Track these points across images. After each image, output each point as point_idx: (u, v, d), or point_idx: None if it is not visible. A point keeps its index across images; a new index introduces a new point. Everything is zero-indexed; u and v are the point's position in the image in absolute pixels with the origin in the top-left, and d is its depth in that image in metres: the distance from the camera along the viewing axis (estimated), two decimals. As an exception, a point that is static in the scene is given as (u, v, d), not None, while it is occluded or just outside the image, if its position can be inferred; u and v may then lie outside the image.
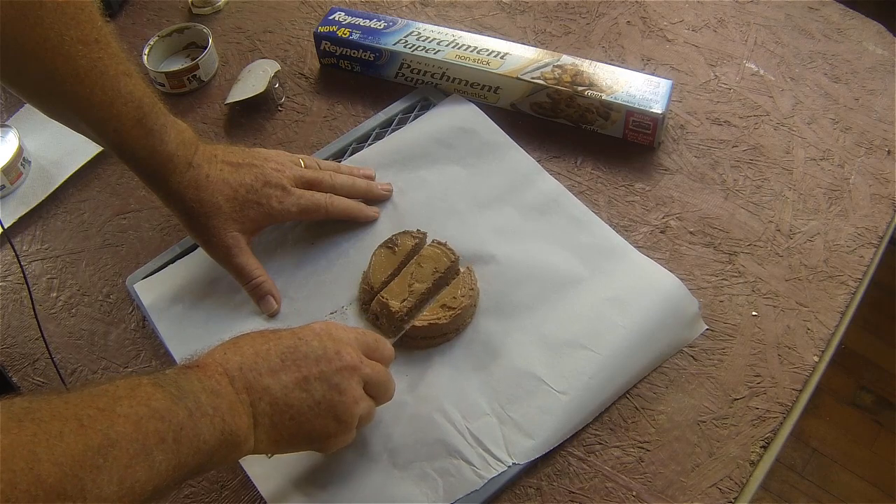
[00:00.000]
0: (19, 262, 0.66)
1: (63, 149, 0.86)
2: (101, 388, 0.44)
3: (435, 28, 0.85)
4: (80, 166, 0.84)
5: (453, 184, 0.76)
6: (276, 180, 0.69)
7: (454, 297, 0.65)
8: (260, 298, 0.69)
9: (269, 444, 0.52)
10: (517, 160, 0.77)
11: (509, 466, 0.59)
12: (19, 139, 0.84)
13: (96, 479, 0.39)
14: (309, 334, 0.55)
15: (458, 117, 0.81)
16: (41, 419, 0.39)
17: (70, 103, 0.60)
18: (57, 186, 0.83)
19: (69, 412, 0.40)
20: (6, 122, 0.88)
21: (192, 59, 0.90)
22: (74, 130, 0.64)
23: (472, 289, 0.66)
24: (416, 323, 0.64)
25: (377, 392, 0.57)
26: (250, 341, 0.53)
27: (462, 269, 0.68)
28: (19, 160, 0.84)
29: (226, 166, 0.68)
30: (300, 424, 0.52)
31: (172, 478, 0.44)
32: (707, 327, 0.66)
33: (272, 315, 0.69)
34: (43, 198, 0.82)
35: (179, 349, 0.68)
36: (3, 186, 0.83)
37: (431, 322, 0.64)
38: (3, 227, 0.78)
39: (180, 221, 0.68)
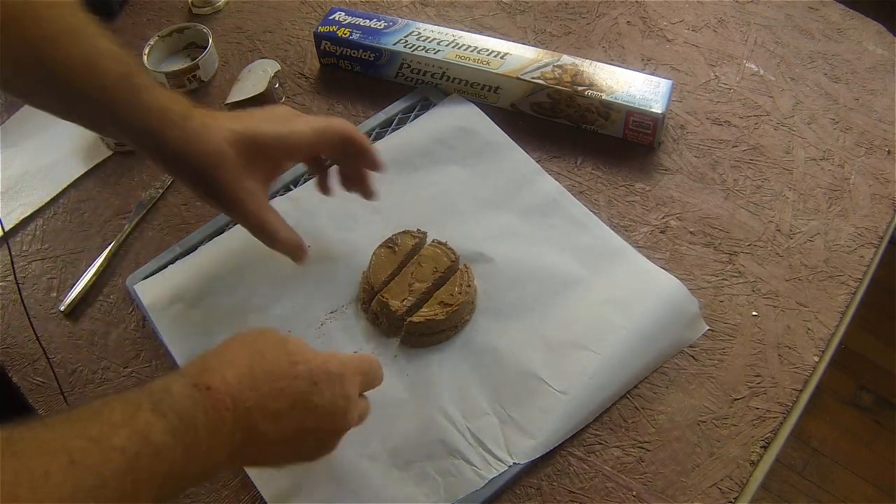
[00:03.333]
0: (13, 270, 0.65)
1: (65, 149, 0.86)
2: (94, 411, 0.39)
3: (435, 28, 0.85)
4: (86, 170, 0.84)
5: (453, 184, 0.76)
6: (283, 111, 0.64)
7: (451, 294, 0.65)
8: (292, 253, 0.64)
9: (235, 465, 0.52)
10: (517, 160, 0.77)
11: (510, 466, 0.59)
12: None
13: None
14: (323, 379, 0.50)
15: (458, 117, 0.81)
16: (24, 454, 0.34)
17: (47, 71, 0.55)
18: (60, 190, 0.83)
19: (57, 445, 0.36)
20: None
21: (192, 59, 0.90)
22: (54, 112, 0.60)
23: (469, 286, 0.66)
24: (414, 319, 0.64)
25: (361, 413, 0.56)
26: (268, 374, 0.48)
27: (459, 267, 0.68)
28: None
29: (225, 117, 0.62)
30: (274, 461, 0.52)
31: None
32: (708, 328, 0.66)
33: (302, 264, 0.65)
34: (47, 200, 0.82)
35: (179, 349, 0.68)
36: None
37: (429, 318, 0.64)
38: (3, 228, 0.78)
39: (185, 184, 0.62)
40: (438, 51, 0.82)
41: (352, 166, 0.68)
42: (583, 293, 0.67)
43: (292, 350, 0.51)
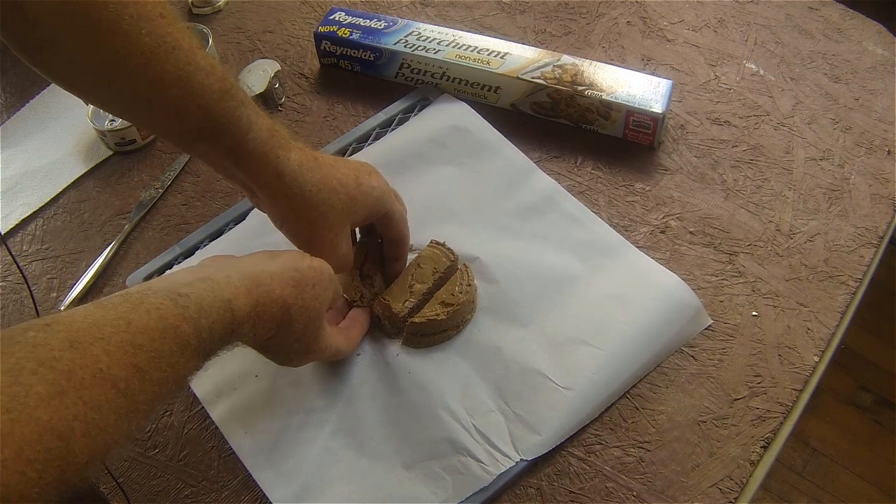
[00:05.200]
0: (18, 266, 0.65)
1: (65, 149, 0.86)
2: (148, 333, 0.40)
3: (435, 28, 0.85)
4: (86, 170, 0.84)
5: (449, 183, 0.76)
6: (371, 167, 0.64)
7: (452, 294, 0.65)
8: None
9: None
10: (511, 158, 0.77)
11: (517, 462, 0.59)
12: None
13: (119, 443, 0.38)
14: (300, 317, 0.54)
15: (450, 117, 0.81)
16: (83, 384, 0.36)
17: (138, 89, 0.52)
18: (60, 190, 0.83)
19: (107, 373, 0.37)
20: None
21: (193, 59, 0.89)
22: (140, 125, 0.58)
23: (469, 285, 0.66)
24: (415, 319, 0.64)
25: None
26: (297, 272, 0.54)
27: (459, 266, 0.68)
28: None
29: (326, 155, 0.61)
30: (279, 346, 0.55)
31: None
32: (711, 321, 0.66)
33: None
34: (47, 200, 0.82)
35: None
36: None
37: (430, 318, 0.64)
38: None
39: (276, 213, 0.60)
40: (438, 51, 0.83)
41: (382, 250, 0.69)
42: (583, 290, 0.67)
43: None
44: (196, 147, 0.57)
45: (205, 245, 0.75)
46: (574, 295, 0.67)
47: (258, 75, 0.86)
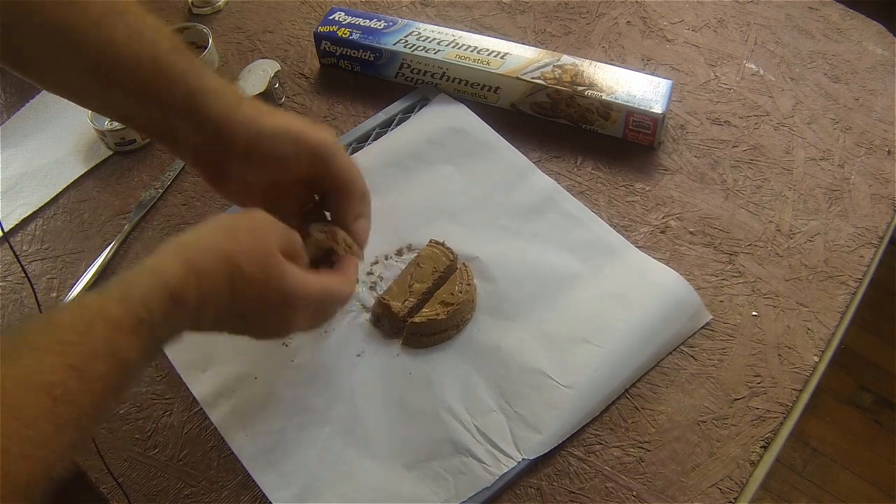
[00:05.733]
0: (21, 265, 0.65)
1: (65, 149, 0.86)
2: (75, 328, 0.39)
3: (435, 28, 0.85)
4: (86, 170, 0.84)
5: (447, 184, 0.76)
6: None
7: (451, 293, 0.65)
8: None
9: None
10: (509, 159, 0.77)
11: (519, 462, 0.59)
12: None
13: (64, 457, 0.36)
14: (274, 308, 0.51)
15: (448, 117, 0.81)
16: (12, 395, 0.35)
17: (88, 56, 0.52)
18: (60, 190, 0.83)
19: (39, 380, 0.36)
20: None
21: (192, 59, 0.89)
22: (93, 107, 0.59)
23: (469, 284, 0.66)
24: (415, 319, 0.64)
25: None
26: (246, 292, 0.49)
27: (458, 266, 0.68)
28: None
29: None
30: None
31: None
32: (711, 316, 0.66)
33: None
34: (47, 200, 0.82)
35: (178, 351, 0.67)
36: None
37: (430, 318, 0.64)
38: (3, 230, 0.78)
39: (227, 157, 0.56)
40: (438, 51, 0.83)
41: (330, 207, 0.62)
42: (582, 288, 0.67)
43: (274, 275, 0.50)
44: (146, 103, 0.54)
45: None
46: (574, 294, 0.67)
47: (258, 75, 0.86)
